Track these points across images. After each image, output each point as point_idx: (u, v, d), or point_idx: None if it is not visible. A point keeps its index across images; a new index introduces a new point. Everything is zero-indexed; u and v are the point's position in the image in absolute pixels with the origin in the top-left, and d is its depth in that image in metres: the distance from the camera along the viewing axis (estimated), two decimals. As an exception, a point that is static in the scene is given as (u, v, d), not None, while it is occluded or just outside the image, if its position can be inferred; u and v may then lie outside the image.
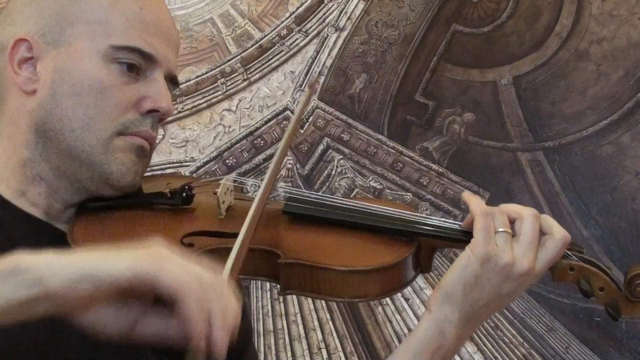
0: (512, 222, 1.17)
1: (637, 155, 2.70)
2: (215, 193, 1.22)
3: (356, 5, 3.00)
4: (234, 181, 1.26)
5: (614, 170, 2.72)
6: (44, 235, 1.15)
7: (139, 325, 0.87)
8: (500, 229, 1.15)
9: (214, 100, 3.06)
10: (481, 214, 1.15)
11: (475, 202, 1.18)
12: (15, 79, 1.17)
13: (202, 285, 0.84)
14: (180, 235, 1.14)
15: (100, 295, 0.83)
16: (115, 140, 1.16)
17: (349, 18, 3.00)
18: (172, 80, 1.23)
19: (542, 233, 1.17)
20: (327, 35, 3.01)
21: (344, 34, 3.00)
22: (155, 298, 0.87)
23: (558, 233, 1.17)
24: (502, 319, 2.74)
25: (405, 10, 2.97)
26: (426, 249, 1.22)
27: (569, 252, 1.20)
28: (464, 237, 1.18)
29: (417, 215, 1.24)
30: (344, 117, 2.95)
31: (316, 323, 2.85)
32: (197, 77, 3.07)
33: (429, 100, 2.94)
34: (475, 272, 1.14)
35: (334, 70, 2.99)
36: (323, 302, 2.83)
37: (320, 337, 2.84)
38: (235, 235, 1.07)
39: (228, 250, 1.04)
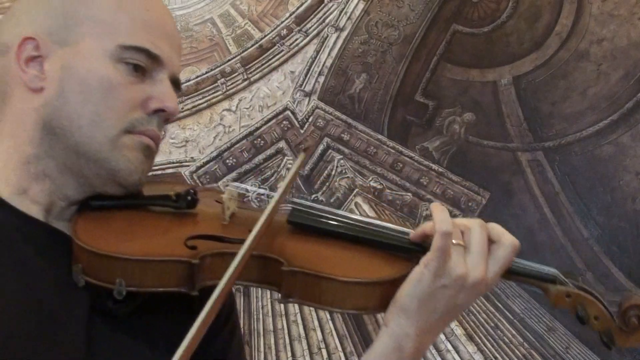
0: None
1: (637, 155, 2.70)
2: (218, 201, 1.23)
3: (356, 5, 3.00)
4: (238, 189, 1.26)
5: (614, 170, 2.72)
6: (41, 235, 1.14)
7: None
8: (454, 242, 1.16)
9: (214, 100, 3.06)
10: (443, 234, 1.16)
11: (440, 218, 1.18)
12: (23, 76, 1.17)
13: None
14: (185, 237, 1.14)
15: None
16: (123, 138, 1.16)
17: (349, 18, 3.00)
18: (175, 84, 1.23)
19: (491, 241, 1.17)
20: (327, 35, 3.01)
21: (344, 34, 3.00)
22: None
23: (506, 240, 1.17)
24: (502, 318, 2.74)
25: (405, 10, 2.97)
26: None
27: (566, 279, 1.21)
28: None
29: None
30: (344, 117, 2.96)
31: (316, 323, 2.85)
32: (197, 77, 3.07)
33: (429, 100, 2.94)
34: (429, 286, 1.14)
35: (334, 70, 2.99)
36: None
37: (320, 337, 2.84)
38: (238, 242, 1.08)
39: (230, 255, 1.05)
